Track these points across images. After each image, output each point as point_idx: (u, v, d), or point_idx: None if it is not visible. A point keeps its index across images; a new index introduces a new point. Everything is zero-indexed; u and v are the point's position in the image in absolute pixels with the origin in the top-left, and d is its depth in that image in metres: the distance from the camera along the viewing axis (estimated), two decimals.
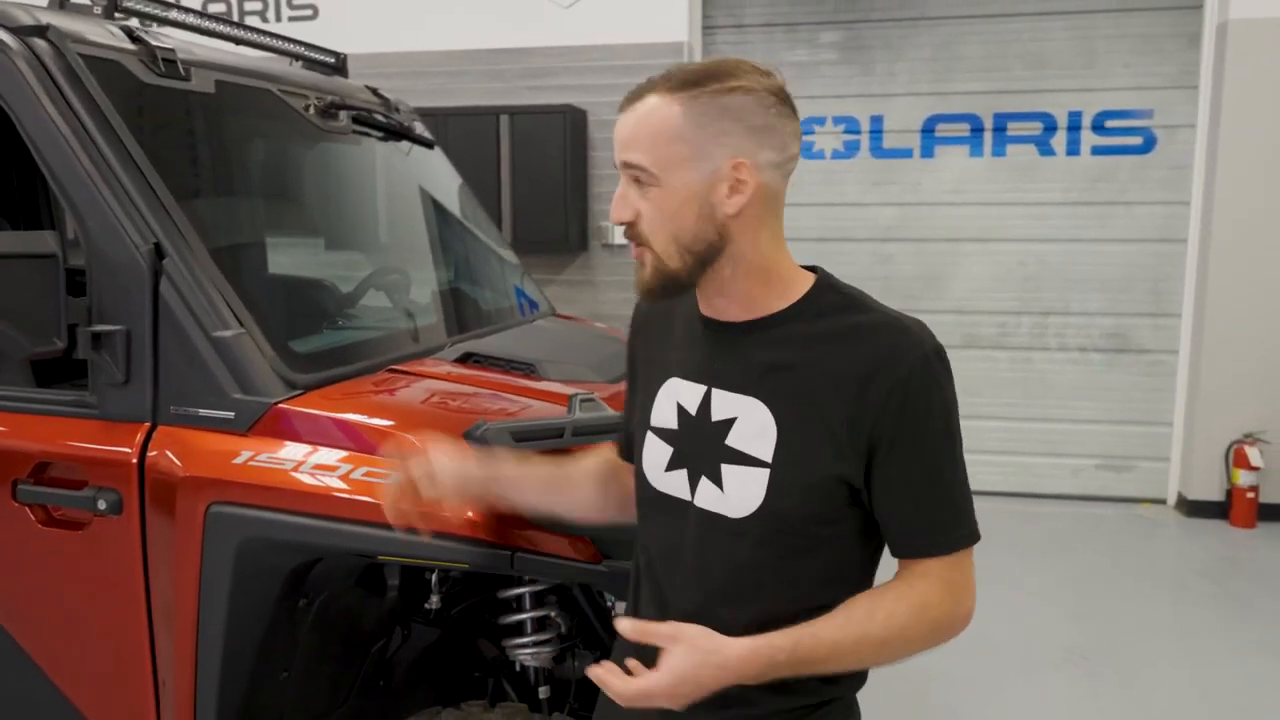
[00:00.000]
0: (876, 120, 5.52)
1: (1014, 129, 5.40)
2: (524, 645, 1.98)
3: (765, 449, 1.20)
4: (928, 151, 5.49)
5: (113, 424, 1.80)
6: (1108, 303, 5.42)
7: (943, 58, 5.40)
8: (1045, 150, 5.39)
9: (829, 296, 1.25)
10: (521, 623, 1.99)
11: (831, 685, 1.26)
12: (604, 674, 1.16)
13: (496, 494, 1.50)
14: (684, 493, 1.27)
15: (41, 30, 1.82)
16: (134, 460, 1.77)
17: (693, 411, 1.27)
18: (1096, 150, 5.33)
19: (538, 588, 1.98)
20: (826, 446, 1.18)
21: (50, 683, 1.89)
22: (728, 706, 1.20)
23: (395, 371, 2.06)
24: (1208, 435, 5.12)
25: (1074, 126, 5.33)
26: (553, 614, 2.00)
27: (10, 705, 1.95)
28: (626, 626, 1.18)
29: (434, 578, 2.06)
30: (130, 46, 1.97)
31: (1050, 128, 5.36)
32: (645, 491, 1.33)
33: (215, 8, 5.71)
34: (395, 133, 2.78)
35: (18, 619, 1.89)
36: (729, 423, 1.23)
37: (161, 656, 1.81)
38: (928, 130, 5.48)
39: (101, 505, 1.78)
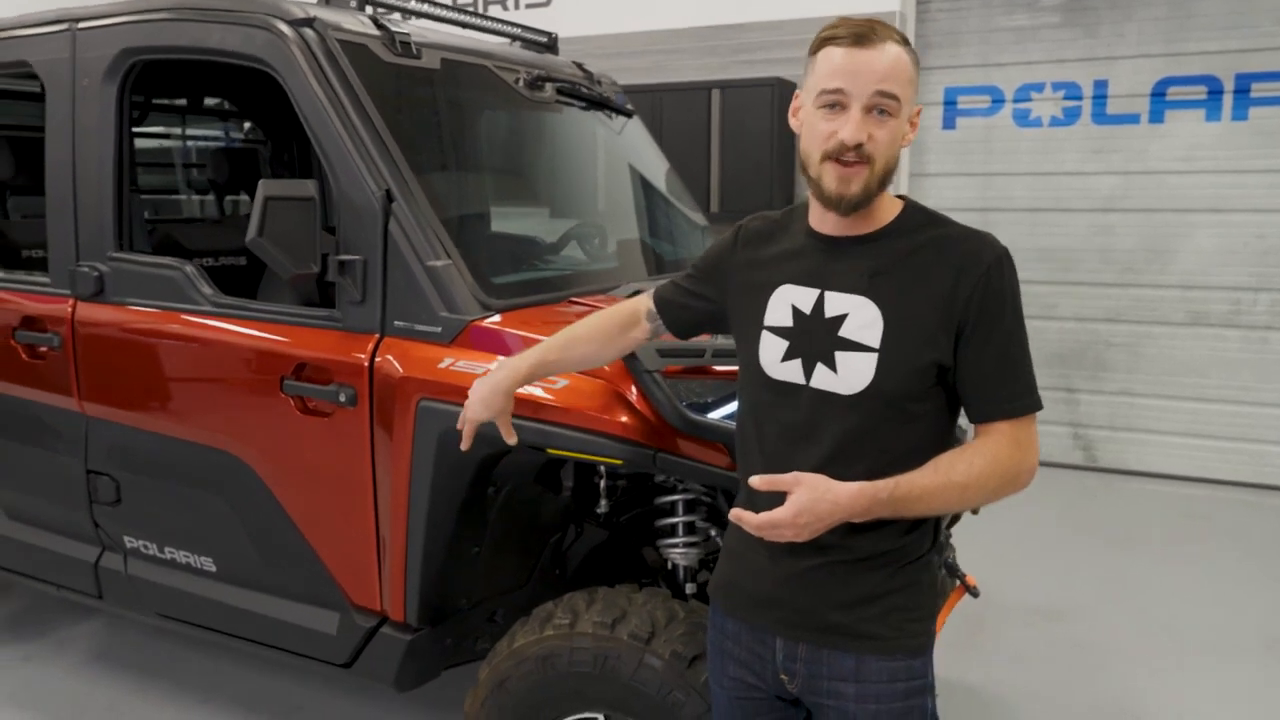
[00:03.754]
0: (1100, 85, 5.29)
1: (1259, 90, 5.01)
2: (675, 545, 2.28)
3: (874, 338, 1.46)
4: (1157, 116, 5.21)
5: (351, 334, 2.26)
6: None
7: (1177, 16, 5.09)
8: None
9: (917, 216, 1.53)
10: (675, 526, 2.29)
11: (908, 535, 1.51)
12: (739, 511, 1.47)
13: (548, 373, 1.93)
14: (799, 378, 1.52)
15: (310, 21, 2.30)
16: (366, 364, 2.21)
17: (807, 311, 1.52)
18: None
19: (689, 496, 2.27)
20: (924, 334, 1.44)
21: (300, 534, 2.39)
22: (827, 550, 1.49)
23: (573, 303, 2.41)
24: None
25: None
26: (699, 521, 2.28)
27: (273, 550, 2.48)
28: (758, 480, 1.45)
29: (602, 484, 2.40)
30: (375, 32, 2.42)
31: None
32: (760, 379, 1.58)
33: None
34: (594, 102, 3.13)
35: (281, 485, 2.40)
36: (841, 318, 1.49)
37: (382, 521, 2.26)
38: (1158, 94, 5.19)
39: (342, 398, 2.24)
